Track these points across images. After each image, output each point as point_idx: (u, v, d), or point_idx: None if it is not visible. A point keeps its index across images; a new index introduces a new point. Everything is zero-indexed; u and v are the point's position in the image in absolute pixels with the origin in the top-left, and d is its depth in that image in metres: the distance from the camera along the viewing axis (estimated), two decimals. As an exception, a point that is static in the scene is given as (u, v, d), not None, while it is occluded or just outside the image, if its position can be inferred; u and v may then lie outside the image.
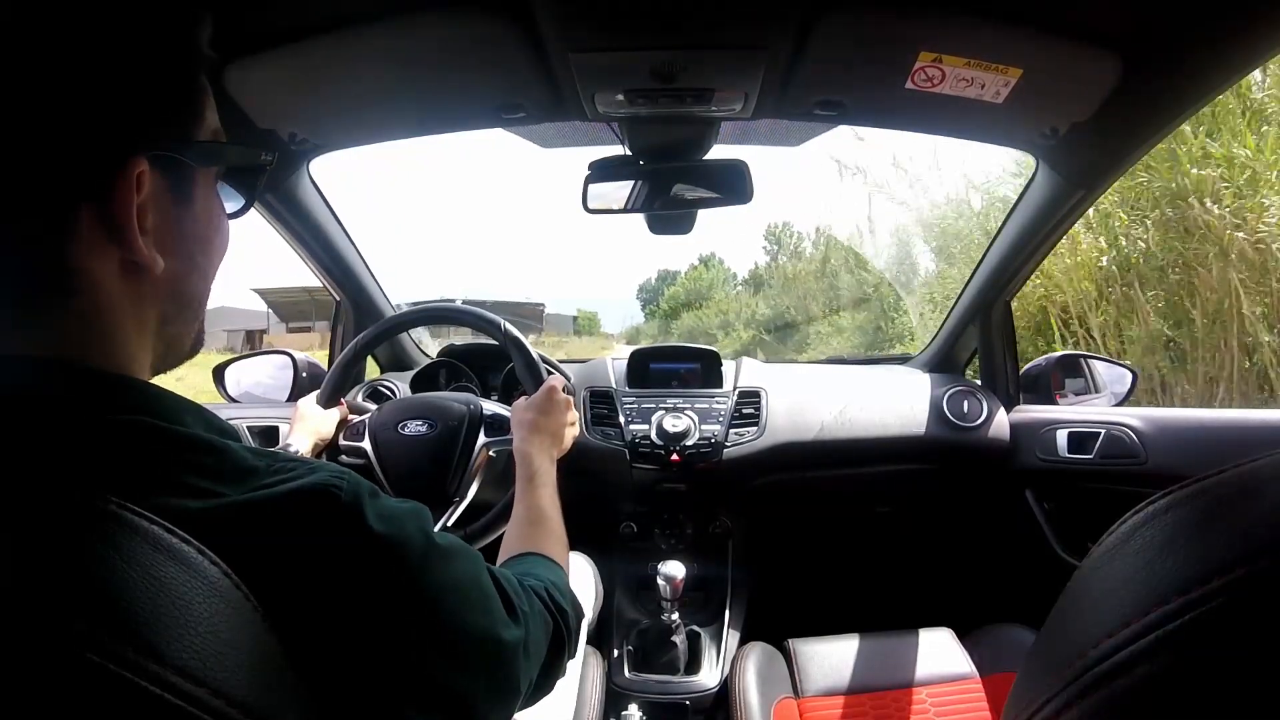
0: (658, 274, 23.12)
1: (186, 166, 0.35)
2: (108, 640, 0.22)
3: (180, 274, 0.36)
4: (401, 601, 0.34)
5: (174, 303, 0.37)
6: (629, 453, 1.20)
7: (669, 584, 1.08)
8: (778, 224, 15.93)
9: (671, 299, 18.63)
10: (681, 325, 15.93)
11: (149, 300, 0.35)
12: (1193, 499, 0.20)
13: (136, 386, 0.34)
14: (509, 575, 0.47)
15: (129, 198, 0.31)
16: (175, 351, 0.39)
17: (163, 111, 0.33)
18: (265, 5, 0.70)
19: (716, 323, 14.02)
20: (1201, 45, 0.69)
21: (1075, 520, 1.19)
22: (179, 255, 0.36)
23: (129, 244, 0.32)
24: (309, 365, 1.38)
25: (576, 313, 23.03)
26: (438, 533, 0.39)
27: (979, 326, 1.31)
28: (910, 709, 0.94)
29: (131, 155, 0.31)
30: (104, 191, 0.31)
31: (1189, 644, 0.17)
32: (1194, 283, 2.87)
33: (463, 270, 51.84)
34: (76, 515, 0.25)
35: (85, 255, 0.32)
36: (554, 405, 0.85)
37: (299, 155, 1.01)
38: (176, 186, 0.35)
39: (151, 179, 0.33)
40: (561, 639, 0.52)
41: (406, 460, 0.93)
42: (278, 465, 0.34)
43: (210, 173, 0.38)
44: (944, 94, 0.80)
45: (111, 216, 0.31)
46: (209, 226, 0.38)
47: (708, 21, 0.71)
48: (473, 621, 0.39)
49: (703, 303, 16.04)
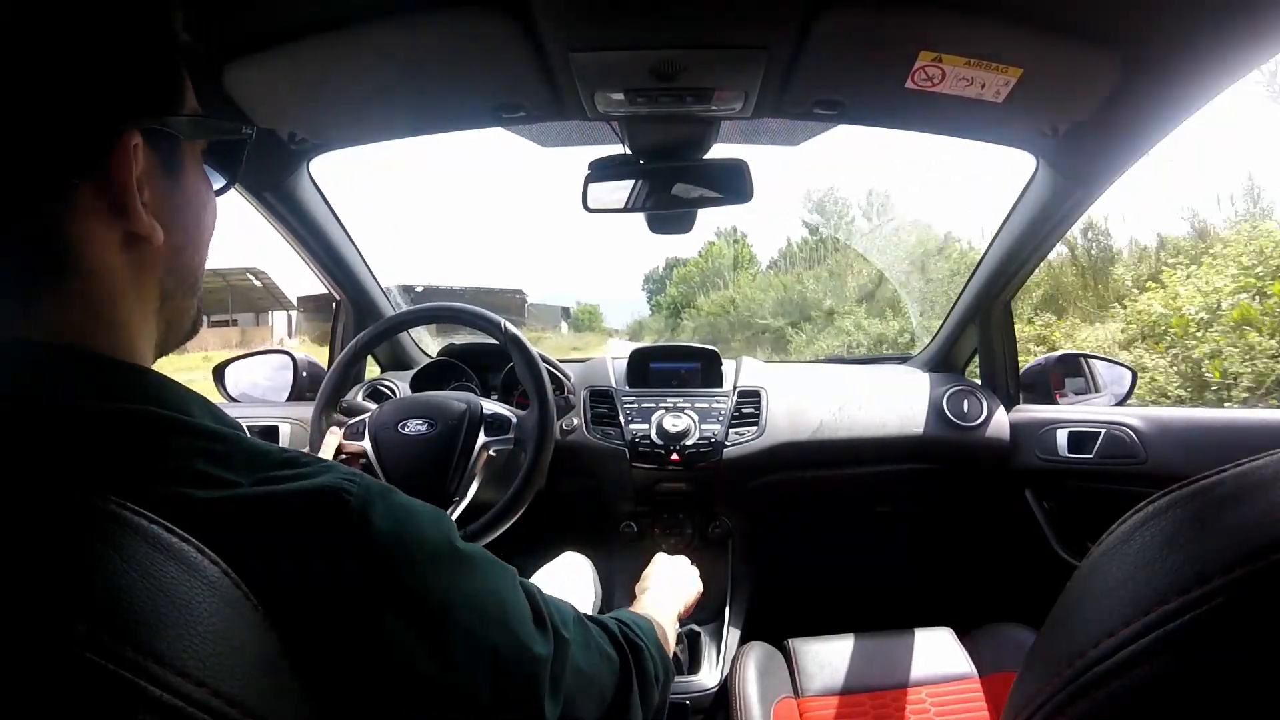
0: (665, 262, 19.62)
1: (175, 140, 0.36)
2: (108, 640, 0.22)
3: (177, 247, 0.37)
4: (406, 607, 0.33)
5: (173, 277, 0.38)
6: (629, 452, 1.20)
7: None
8: (819, 190, 13.18)
9: (683, 280, 15.45)
10: (702, 311, 12.98)
11: (150, 274, 0.36)
12: (1193, 499, 0.20)
13: (143, 375, 0.34)
14: (545, 595, 0.45)
15: (127, 170, 0.33)
16: (176, 330, 0.39)
17: (148, 86, 0.35)
18: (265, 5, 0.70)
19: (737, 311, 10.94)
20: (1201, 45, 0.69)
21: (1075, 520, 1.19)
22: (174, 229, 0.36)
23: (131, 214, 0.33)
24: (309, 365, 1.39)
25: (575, 305, 21.90)
26: (463, 542, 0.38)
27: (978, 326, 1.31)
28: (910, 709, 0.94)
29: (125, 128, 0.33)
30: (103, 165, 0.32)
31: (1189, 644, 0.17)
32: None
33: (453, 260, 51.94)
34: (76, 515, 0.25)
35: (87, 230, 0.32)
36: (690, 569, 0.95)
37: (299, 155, 1.01)
38: (166, 161, 0.36)
39: (144, 153, 0.34)
40: (629, 676, 0.50)
41: (407, 460, 0.93)
42: (289, 457, 0.34)
43: (196, 148, 0.39)
44: (944, 93, 0.80)
45: (112, 189, 0.32)
46: (199, 201, 0.39)
47: (708, 21, 0.71)
48: (485, 634, 0.37)
49: (721, 284, 12.99)
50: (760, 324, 9.16)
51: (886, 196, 10.61)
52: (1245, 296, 3.41)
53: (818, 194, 12.95)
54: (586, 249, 54.24)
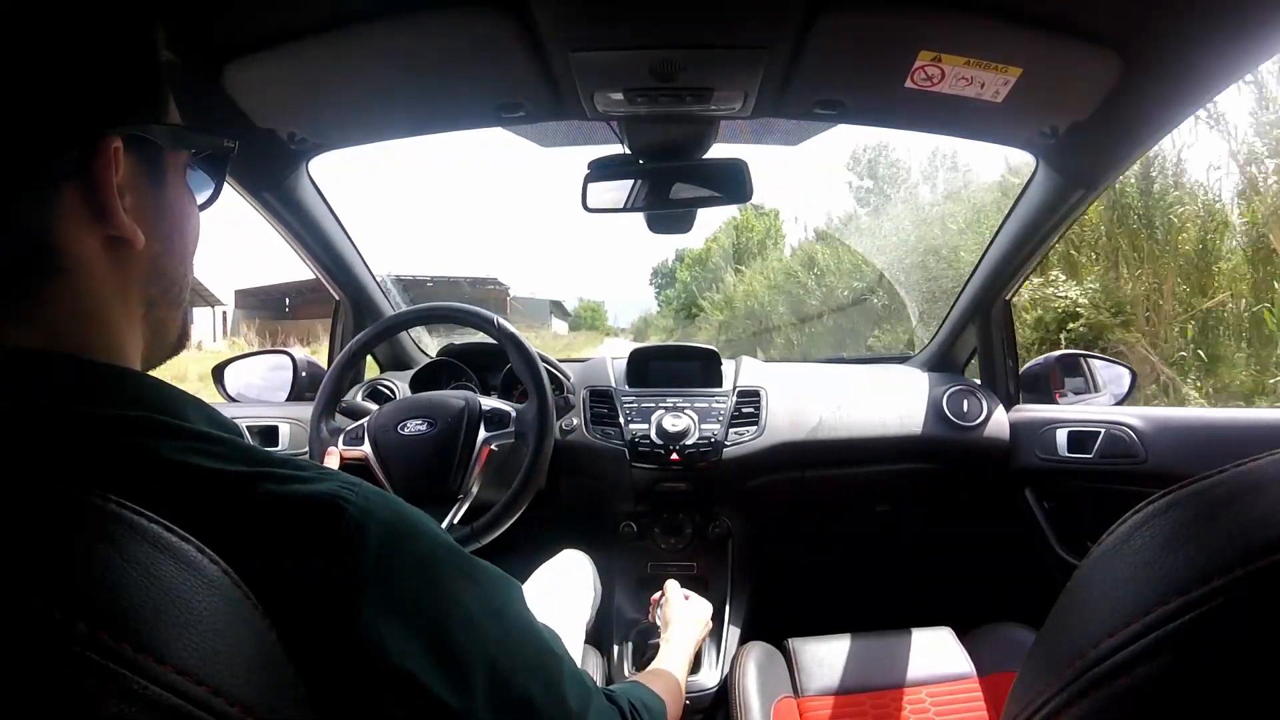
0: (675, 254, 17.98)
1: (156, 149, 0.37)
2: (107, 639, 0.22)
3: (159, 253, 0.38)
4: (405, 617, 0.33)
5: (157, 285, 0.38)
6: (629, 452, 1.20)
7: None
8: (866, 147, 10.74)
9: (696, 262, 12.56)
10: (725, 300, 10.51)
11: (132, 280, 0.36)
12: (1193, 499, 0.20)
13: (136, 378, 0.34)
14: (555, 634, 0.45)
15: (109, 173, 0.33)
16: (162, 340, 0.40)
17: (131, 93, 0.35)
18: (265, 5, 0.70)
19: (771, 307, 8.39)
20: (1201, 45, 0.69)
21: (1075, 520, 1.19)
22: (156, 236, 0.37)
23: (111, 217, 0.34)
24: (308, 365, 1.38)
25: (577, 302, 20.74)
26: (470, 556, 0.38)
27: (978, 325, 1.31)
28: (910, 708, 0.94)
29: (107, 132, 0.33)
30: (85, 167, 0.33)
31: (1189, 644, 0.17)
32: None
33: (438, 252, 51.42)
34: (75, 513, 0.25)
35: (69, 234, 0.33)
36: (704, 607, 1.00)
37: (298, 155, 1.01)
38: (148, 169, 0.37)
39: (126, 160, 0.34)
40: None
41: (408, 460, 0.93)
42: (288, 460, 0.34)
43: (179, 160, 0.39)
44: (943, 93, 0.80)
45: (94, 192, 0.33)
46: (181, 212, 0.40)
47: (707, 21, 0.71)
48: (484, 647, 0.36)
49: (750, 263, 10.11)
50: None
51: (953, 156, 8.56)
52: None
53: (867, 153, 10.74)
54: (586, 247, 54.08)
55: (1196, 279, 3.74)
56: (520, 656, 0.39)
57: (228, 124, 0.85)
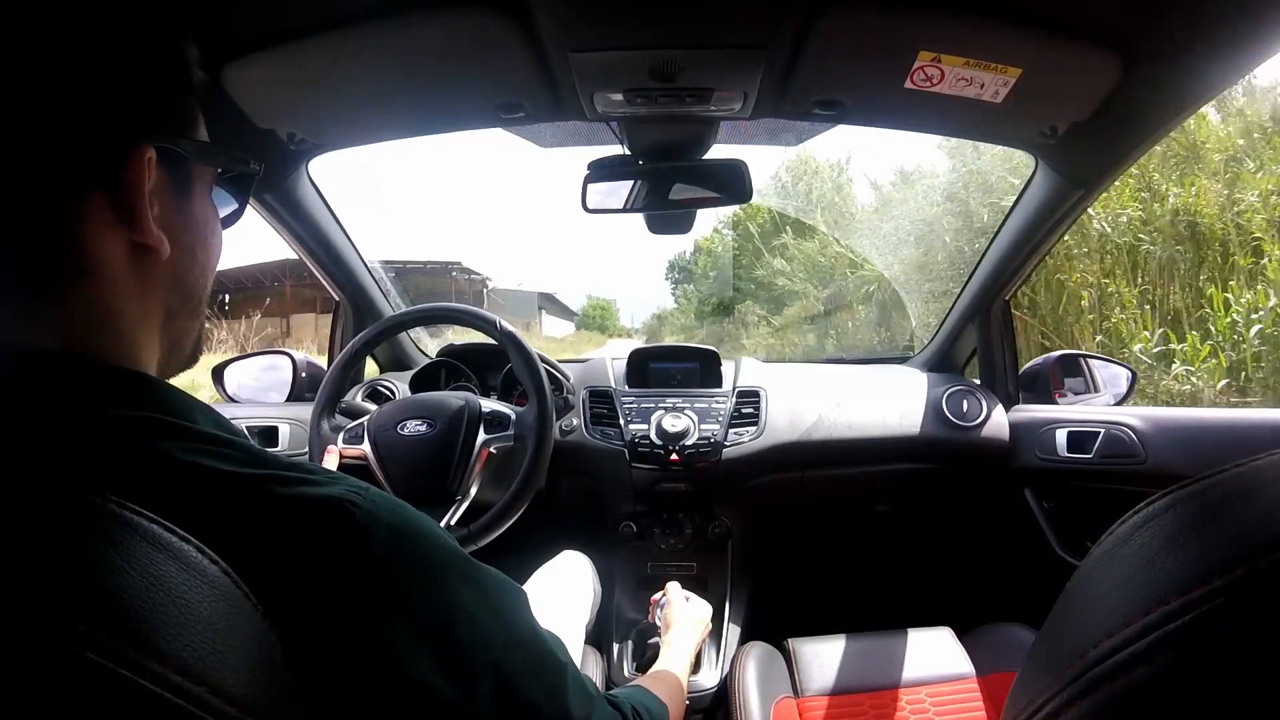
0: (694, 245, 15.84)
1: (186, 162, 0.38)
2: (108, 639, 0.22)
3: (183, 264, 0.38)
4: (411, 619, 0.33)
5: (177, 295, 0.38)
6: (628, 452, 1.20)
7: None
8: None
9: (710, 255, 10.54)
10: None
11: (154, 287, 0.37)
12: (1193, 499, 0.20)
13: (147, 382, 0.34)
14: (558, 639, 0.45)
15: (141, 181, 0.34)
16: (178, 352, 0.40)
17: (166, 106, 0.36)
18: (265, 5, 0.70)
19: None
20: (1201, 45, 0.69)
21: (1075, 520, 1.19)
22: (180, 246, 0.37)
23: (139, 225, 0.34)
24: (308, 365, 1.39)
25: (586, 300, 19.63)
26: (475, 560, 0.39)
27: (978, 325, 1.31)
28: (910, 708, 0.94)
29: (141, 142, 0.34)
30: (116, 175, 0.33)
31: (1189, 644, 0.17)
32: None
33: (430, 241, 51.13)
34: (76, 514, 0.25)
35: (95, 237, 0.33)
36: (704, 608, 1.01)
37: (298, 154, 1.01)
38: (177, 182, 0.37)
39: (157, 170, 0.35)
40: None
41: (407, 460, 0.93)
42: (295, 464, 0.34)
43: (207, 175, 0.40)
44: (943, 93, 0.80)
45: (123, 199, 0.34)
46: (205, 225, 0.40)
47: (707, 21, 0.71)
48: (489, 649, 0.37)
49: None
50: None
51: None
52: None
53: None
54: (595, 246, 53.93)
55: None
56: (524, 661, 0.39)
57: (228, 125, 0.85)
